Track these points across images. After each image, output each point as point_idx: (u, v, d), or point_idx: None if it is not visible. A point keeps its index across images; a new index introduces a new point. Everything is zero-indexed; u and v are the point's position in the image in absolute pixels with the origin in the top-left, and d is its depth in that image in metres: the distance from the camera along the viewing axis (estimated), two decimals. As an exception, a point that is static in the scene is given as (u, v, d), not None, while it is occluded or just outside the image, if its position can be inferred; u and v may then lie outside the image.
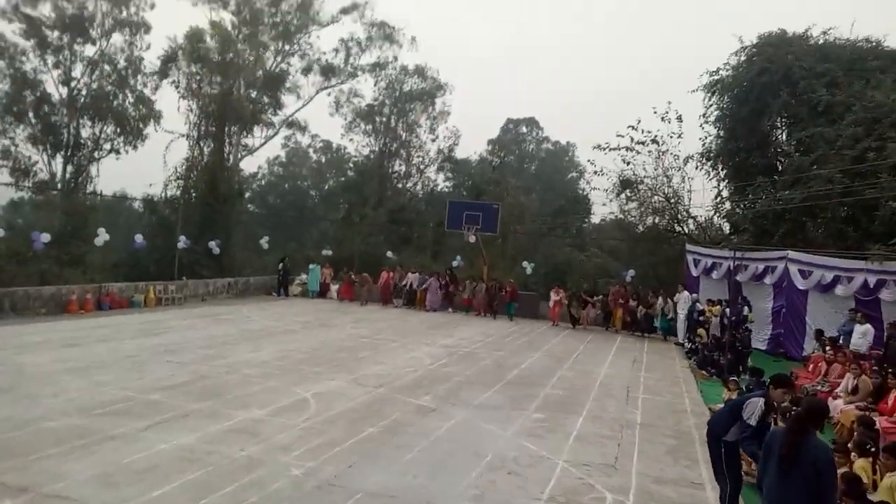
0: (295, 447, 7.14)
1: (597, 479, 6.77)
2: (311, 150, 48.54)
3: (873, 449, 6.36)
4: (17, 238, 18.37)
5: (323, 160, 49.16)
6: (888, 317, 13.87)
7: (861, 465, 6.05)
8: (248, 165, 55.27)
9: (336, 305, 23.03)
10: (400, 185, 37.73)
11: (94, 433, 7.09)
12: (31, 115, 24.25)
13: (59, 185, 24.14)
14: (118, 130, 26.02)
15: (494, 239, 25.33)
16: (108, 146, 25.98)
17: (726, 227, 24.33)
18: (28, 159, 24.70)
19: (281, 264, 23.89)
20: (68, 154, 25.03)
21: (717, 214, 24.76)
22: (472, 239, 22.68)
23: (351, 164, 41.07)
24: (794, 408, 6.43)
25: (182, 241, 20.87)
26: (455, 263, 25.14)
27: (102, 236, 17.68)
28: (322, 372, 11.25)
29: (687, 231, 24.84)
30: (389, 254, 25.84)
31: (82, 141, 25.26)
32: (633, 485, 6.74)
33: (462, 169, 38.27)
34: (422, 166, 37.91)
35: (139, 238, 19.87)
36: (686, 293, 19.58)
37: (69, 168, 25.21)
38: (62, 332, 13.74)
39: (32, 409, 7.85)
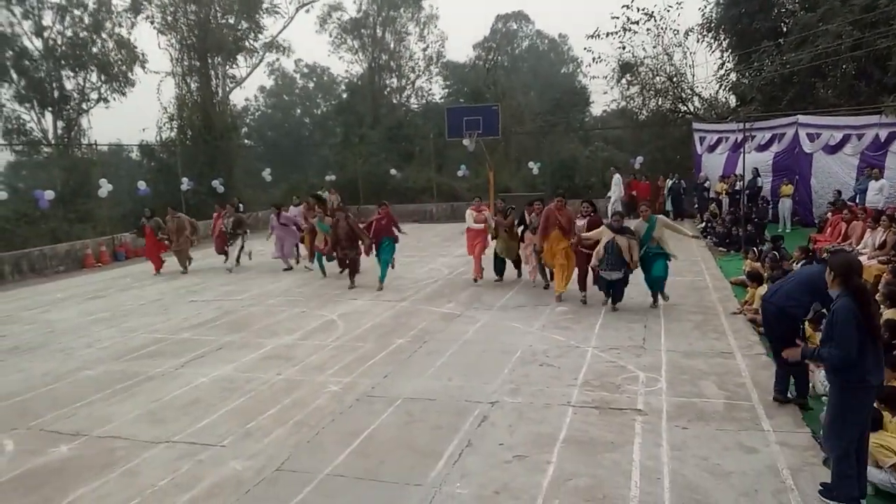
0: (329, 366, 7.29)
1: (627, 361, 6.88)
2: (297, 76, 47.17)
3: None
4: (22, 199, 18.29)
5: (311, 86, 47.85)
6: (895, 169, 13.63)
7: (891, 315, 6.06)
8: (238, 99, 54.07)
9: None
10: (395, 101, 36.75)
11: (133, 376, 7.26)
12: (13, 72, 23.51)
13: (52, 142, 23.74)
14: (103, 78, 25.23)
15: (497, 143, 24.85)
16: (94, 95, 25.28)
17: (733, 101, 23.62)
18: (18, 118, 24.16)
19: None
20: (56, 109, 24.43)
21: (723, 88, 23.97)
22: (471, 145, 22.16)
23: (342, 86, 39.95)
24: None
25: (185, 183, 20.70)
26: (460, 173, 24.82)
27: (105, 187, 17.53)
28: (344, 293, 11.36)
29: (692, 110, 24.18)
30: (393, 171, 25.54)
31: (67, 93, 24.57)
32: (663, 361, 6.84)
33: (456, 74, 37.08)
34: (413, 76, 36.78)
35: (142, 185, 19.71)
36: (618, 175, 19.84)
37: (59, 123, 24.68)
38: (84, 285, 13.91)
39: (68, 361, 8.03)
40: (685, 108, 24.44)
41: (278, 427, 5.66)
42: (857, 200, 13.40)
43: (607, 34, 23.61)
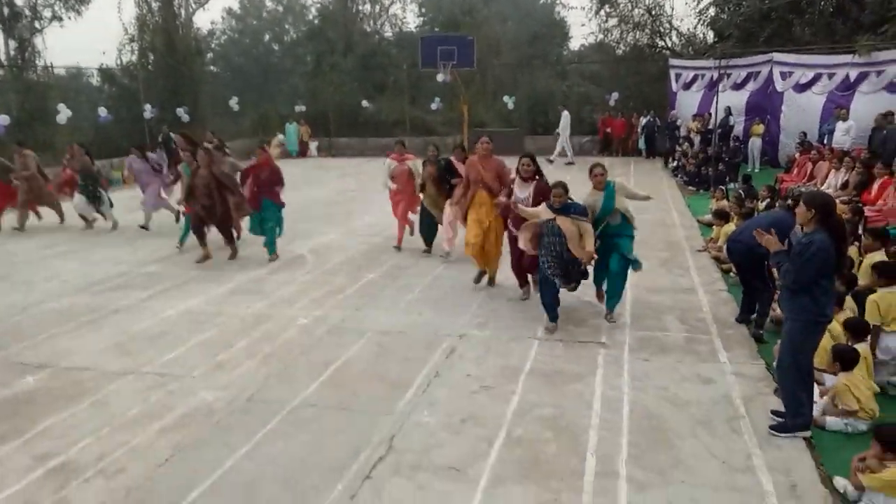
0: (299, 299, 7.30)
1: (593, 296, 7.02)
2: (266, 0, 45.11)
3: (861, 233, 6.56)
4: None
5: (280, 9, 45.83)
6: (862, 110, 13.76)
7: (851, 252, 6.25)
8: (203, 21, 51.67)
9: (318, 162, 22.65)
10: (367, 28, 35.49)
11: (99, 309, 7.19)
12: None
13: (4, 63, 22.53)
14: (55, -7, 23.84)
15: (472, 75, 24.34)
16: (48, 13, 23.92)
17: (710, 36, 23.36)
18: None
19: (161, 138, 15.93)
20: (7, 27, 23.06)
21: (702, 23, 23.66)
22: (445, 77, 21.64)
23: (313, 11, 38.37)
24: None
25: (148, 111, 19.95)
26: (434, 106, 24.38)
27: (64, 112, 16.83)
28: (315, 228, 11.27)
29: (670, 45, 23.88)
30: (365, 103, 24.96)
31: (18, 10, 23.15)
32: (628, 296, 6.99)
33: (432, 2, 35.82)
34: (387, 2, 35.45)
35: (103, 111, 18.96)
36: (566, 112, 19.80)
37: (12, 43, 23.36)
38: (44, 217, 13.52)
39: (31, 293, 7.89)
40: (662, 44, 24.14)
41: (248, 359, 5.70)
42: (826, 141, 13.57)
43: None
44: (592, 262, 6.02)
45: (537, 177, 6.58)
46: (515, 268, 7.06)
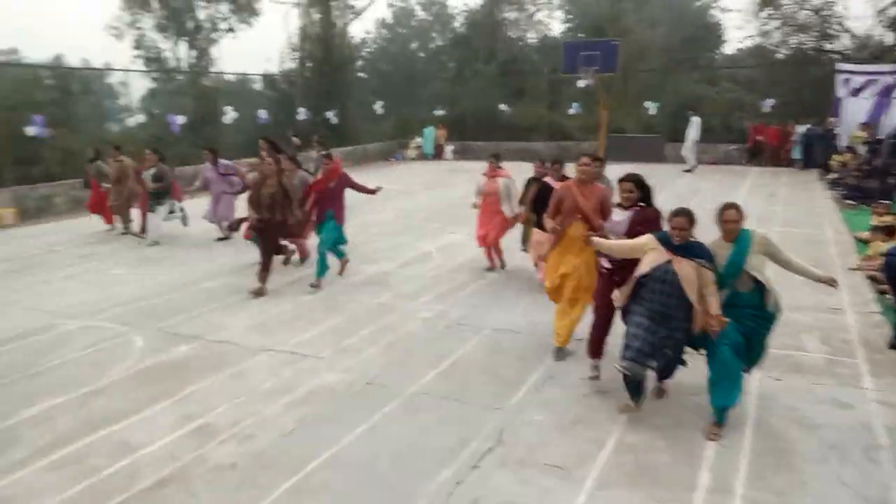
0: (423, 294, 7.55)
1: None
2: (418, 8, 46.82)
3: None
4: (158, 123, 19.83)
5: (430, 19, 47.42)
6: None
7: None
8: (357, 31, 54.69)
9: (453, 165, 23.17)
10: (511, 35, 35.78)
11: (245, 290, 7.87)
12: (154, 2, 25.19)
13: (185, 70, 25.37)
14: (232, 8, 26.45)
15: (615, 81, 23.74)
16: (224, 26, 26.61)
17: (890, 38, 21.02)
18: (157, 47, 26.05)
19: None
20: (190, 38, 25.99)
21: (881, 24, 21.34)
22: (586, 83, 21.26)
23: (460, 19, 39.30)
24: None
25: (301, 113, 21.52)
26: (572, 111, 24.06)
27: (230, 115, 18.60)
28: (443, 227, 11.58)
29: (840, 48, 21.80)
30: (502, 107, 25.18)
31: (200, 23, 25.99)
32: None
33: (579, 7, 35.36)
34: (533, 9, 35.42)
35: (263, 114, 20.71)
36: (696, 118, 18.30)
37: (192, 53, 26.28)
38: (205, 206, 15.00)
39: (191, 272, 8.80)
40: (830, 46, 22.10)
41: (371, 346, 6.00)
42: None
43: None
44: (702, 329, 4.28)
45: (639, 204, 4.94)
46: (597, 330, 5.20)
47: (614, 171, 6.30)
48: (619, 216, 5.02)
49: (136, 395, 5.06)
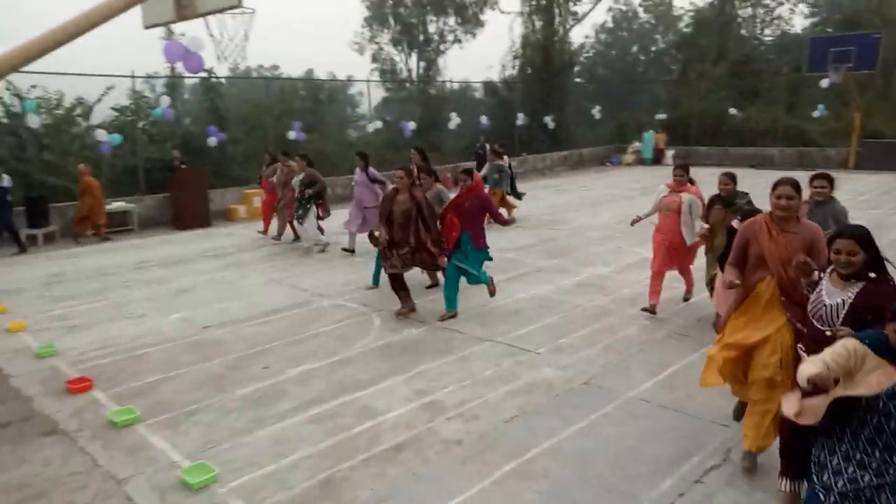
0: (642, 300, 7.34)
1: None
2: (640, 10, 45.38)
3: None
4: (390, 129, 21.66)
5: (653, 21, 45.65)
6: None
7: None
8: (577, 36, 54.51)
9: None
10: (744, 33, 33.07)
11: (465, 284, 8.31)
12: (391, 19, 27.75)
13: (415, 80, 27.43)
14: (459, 21, 28.05)
15: (871, 79, 20.81)
16: (451, 38, 28.30)
17: None
18: (391, 59, 28.65)
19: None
20: (420, 50, 28.11)
21: None
22: (835, 80, 18.88)
23: (686, 18, 37.33)
24: None
25: (520, 119, 22.06)
26: (817, 113, 21.58)
27: (454, 120, 19.69)
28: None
29: None
30: (733, 110, 23.39)
31: (429, 36, 27.97)
32: None
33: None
34: (773, 3, 32.38)
35: (483, 119, 21.62)
36: None
37: (421, 63, 28.36)
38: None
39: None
40: None
41: (588, 347, 6.02)
42: None
43: None
44: None
45: (872, 273, 3.12)
46: (785, 434, 3.49)
47: (868, 183, 5.57)
48: (833, 297, 3.16)
49: (376, 367, 5.66)
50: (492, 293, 7.12)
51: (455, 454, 4.20)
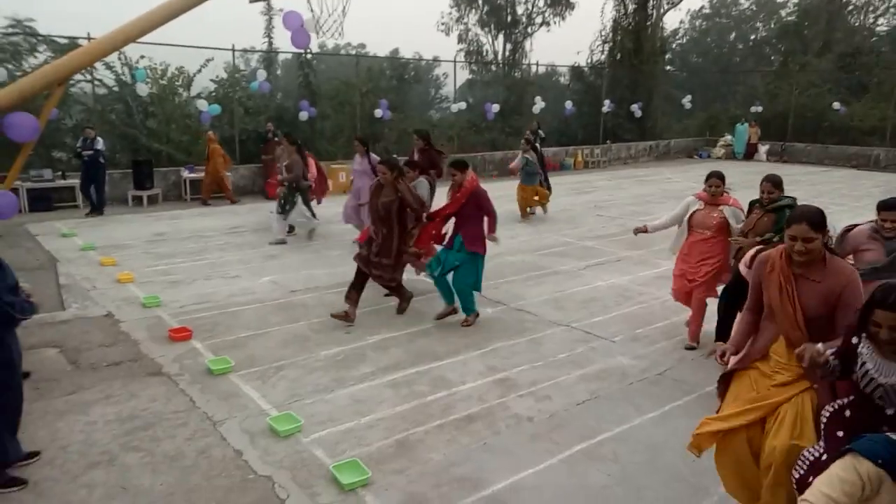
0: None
1: None
2: (741, -5, 43.25)
3: None
4: (473, 111, 21.73)
5: (753, 7, 43.39)
6: None
7: None
8: (672, 21, 52.57)
9: (766, 167, 21.13)
10: (855, 23, 31.02)
11: (543, 268, 8.39)
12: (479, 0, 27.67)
13: (500, 63, 27.27)
14: (548, 2, 27.62)
15: None
16: (539, 20, 27.92)
17: None
18: (477, 41, 28.56)
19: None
20: (507, 32, 27.89)
21: None
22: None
23: (790, 6, 35.33)
24: None
25: (607, 106, 21.63)
26: None
27: (538, 105, 19.54)
28: (751, 231, 10.75)
29: None
30: (836, 105, 22.06)
31: (517, 18, 27.70)
32: None
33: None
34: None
35: (569, 105, 21.32)
36: None
37: (508, 45, 28.16)
38: (509, 189, 16.07)
39: (494, 246, 9.53)
40: None
41: (665, 339, 5.97)
42: None
43: None
44: None
45: None
46: None
47: None
48: (885, 368, 2.46)
49: (451, 341, 5.83)
50: (463, 323, 6.20)
51: (525, 429, 4.31)
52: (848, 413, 2.61)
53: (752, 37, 42.40)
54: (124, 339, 5.74)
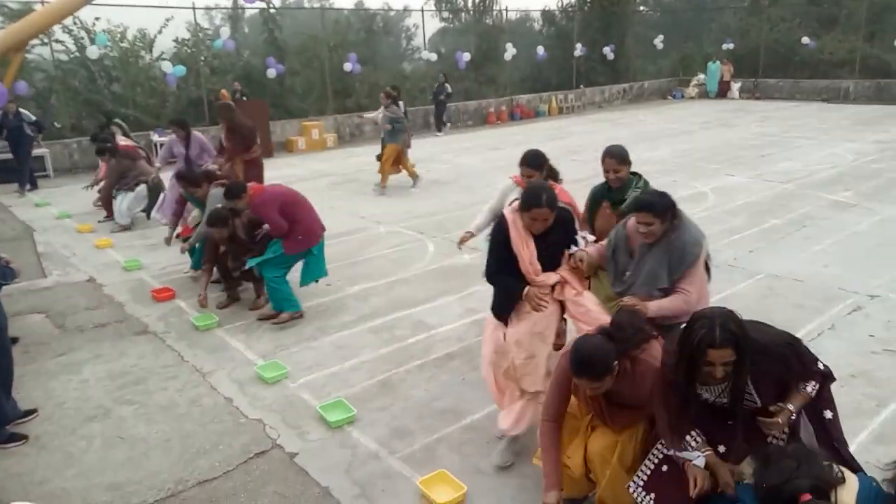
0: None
1: None
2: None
3: None
4: (445, 60, 21.44)
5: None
6: None
7: None
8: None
9: (739, 104, 21.29)
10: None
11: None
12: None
13: (471, 10, 26.80)
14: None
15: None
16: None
17: None
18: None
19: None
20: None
21: None
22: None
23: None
24: None
25: (579, 50, 21.49)
26: None
27: (510, 52, 19.36)
28: (721, 168, 10.97)
29: None
30: (805, 40, 22.12)
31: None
32: None
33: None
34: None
35: (540, 50, 21.14)
36: None
37: (477, -8, 27.68)
38: (485, 138, 16.14)
39: (472, 195, 9.74)
40: None
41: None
42: None
43: None
44: None
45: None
46: None
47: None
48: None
49: (430, 286, 6.00)
50: (277, 319, 5.21)
51: (503, 364, 4.51)
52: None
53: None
54: (108, 302, 5.83)
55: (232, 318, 5.40)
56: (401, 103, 10.86)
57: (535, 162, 4.34)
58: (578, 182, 10.10)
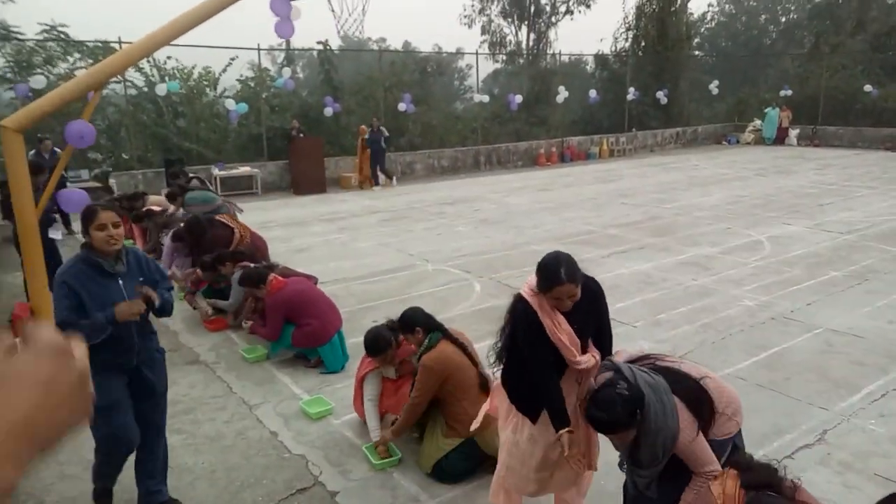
0: (747, 282, 7.22)
1: None
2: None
3: None
4: (497, 102, 21.78)
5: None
6: None
7: None
8: (699, 5, 51.69)
9: (797, 151, 20.81)
10: (891, 0, 30.11)
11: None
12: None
13: (524, 53, 27.26)
14: (571, -9, 27.64)
15: None
16: (563, 9, 27.86)
17: None
18: (500, 31, 28.61)
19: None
20: (530, 22, 27.87)
21: None
22: None
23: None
24: None
25: (631, 94, 21.49)
26: None
27: (562, 94, 19.51)
28: (778, 216, 10.69)
29: None
30: (868, 88, 21.58)
31: (541, 7, 27.66)
32: None
33: None
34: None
35: (593, 93, 21.23)
36: None
37: (532, 35, 28.13)
38: (535, 179, 16.19)
39: (520, 235, 9.76)
40: None
41: (686, 324, 6.05)
42: None
43: None
44: None
45: None
46: None
47: None
48: None
49: (474, 327, 5.97)
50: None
51: (547, 411, 4.44)
52: None
53: (784, 18, 41.50)
54: (163, 331, 6.02)
55: (281, 351, 5.49)
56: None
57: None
58: (629, 226, 10.08)
